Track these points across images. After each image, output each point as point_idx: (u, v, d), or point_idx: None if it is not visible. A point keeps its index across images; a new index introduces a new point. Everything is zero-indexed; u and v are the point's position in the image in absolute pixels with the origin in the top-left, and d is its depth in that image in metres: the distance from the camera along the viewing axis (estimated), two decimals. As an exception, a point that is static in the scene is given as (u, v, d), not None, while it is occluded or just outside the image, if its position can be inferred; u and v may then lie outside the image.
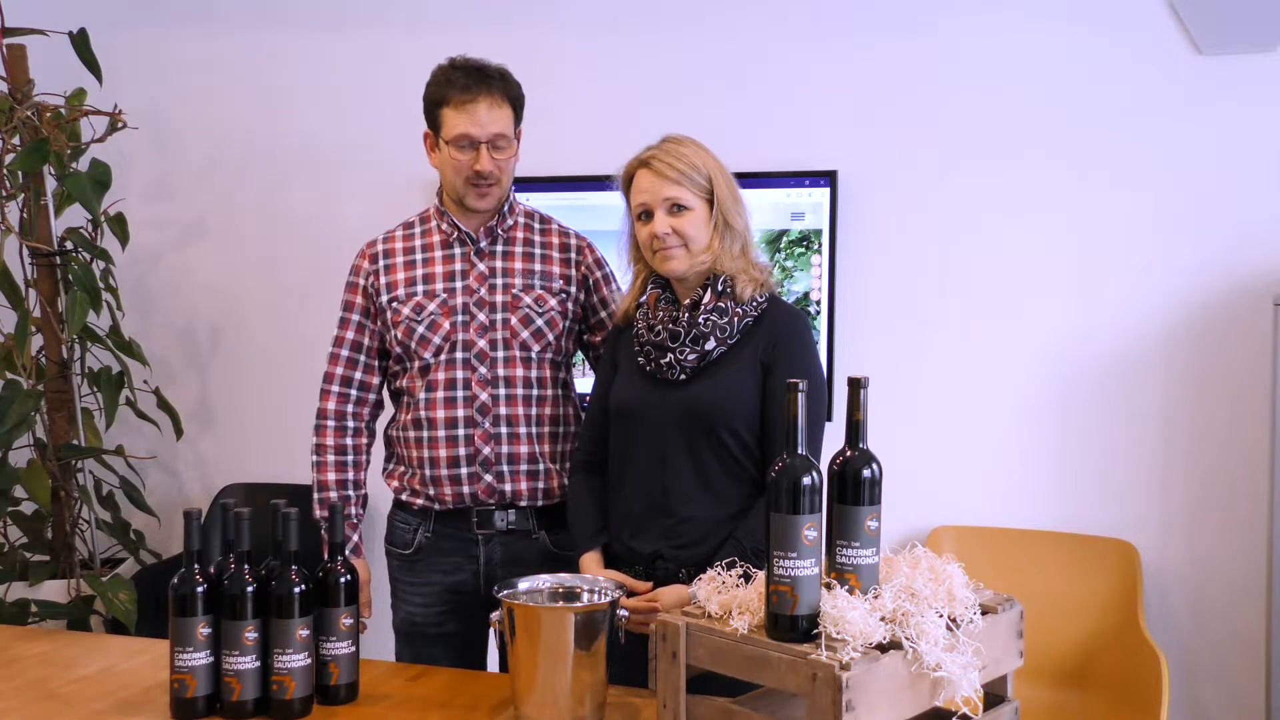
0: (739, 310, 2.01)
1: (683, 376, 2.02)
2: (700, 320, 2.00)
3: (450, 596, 2.32)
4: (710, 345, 2.00)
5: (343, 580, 1.84)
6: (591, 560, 2.09)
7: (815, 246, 3.26)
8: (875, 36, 3.25)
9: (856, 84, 3.26)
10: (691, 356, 2.01)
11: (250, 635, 1.78)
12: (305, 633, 1.79)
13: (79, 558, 3.47)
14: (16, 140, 3.35)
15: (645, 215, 2.04)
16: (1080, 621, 3.07)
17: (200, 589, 1.78)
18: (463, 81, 2.22)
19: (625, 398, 2.09)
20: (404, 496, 2.35)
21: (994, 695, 1.66)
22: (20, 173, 3.32)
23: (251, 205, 3.81)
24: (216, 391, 3.89)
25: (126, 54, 3.77)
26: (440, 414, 2.27)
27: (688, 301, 2.04)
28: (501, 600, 1.81)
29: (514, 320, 2.29)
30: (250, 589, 1.77)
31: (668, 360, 2.02)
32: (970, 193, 3.20)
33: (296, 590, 1.78)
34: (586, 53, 3.45)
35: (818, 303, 3.26)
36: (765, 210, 3.26)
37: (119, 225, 3.50)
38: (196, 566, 1.79)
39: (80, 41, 3.43)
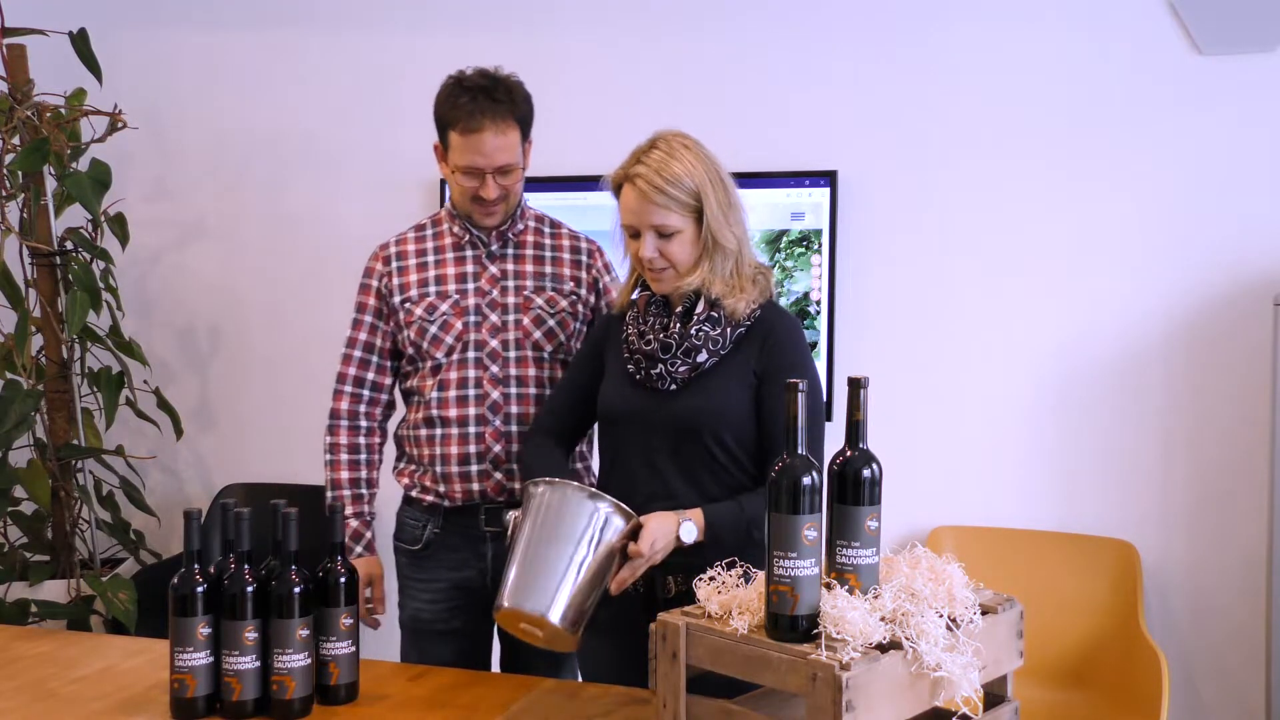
0: (732, 321, 1.99)
1: (673, 387, 2.01)
2: (693, 332, 1.98)
3: (457, 593, 2.33)
4: (703, 357, 1.99)
5: (343, 580, 1.84)
6: None
7: (815, 246, 3.26)
8: (875, 37, 3.25)
9: (857, 84, 3.27)
10: (683, 369, 1.99)
11: (250, 635, 1.77)
12: (305, 633, 1.79)
13: (79, 558, 3.47)
14: (16, 140, 3.35)
15: (633, 233, 2.01)
16: (1080, 621, 3.07)
17: (200, 589, 1.78)
18: (469, 107, 2.19)
19: (614, 404, 2.08)
20: (414, 493, 2.36)
21: (994, 695, 1.66)
22: (20, 173, 3.32)
23: (251, 205, 3.81)
24: (216, 391, 3.89)
25: (126, 54, 3.77)
26: (452, 412, 2.29)
27: (679, 310, 2.02)
28: (528, 485, 1.90)
29: (526, 321, 2.31)
30: (250, 589, 1.77)
31: (658, 371, 2.00)
32: (970, 192, 3.20)
33: (296, 590, 1.78)
34: (586, 52, 3.45)
35: (818, 303, 3.26)
36: (765, 210, 3.26)
37: (119, 225, 3.50)
38: (196, 566, 1.79)
39: (80, 41, 3.43)
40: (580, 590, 1.84)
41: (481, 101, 2.19)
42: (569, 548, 1.84)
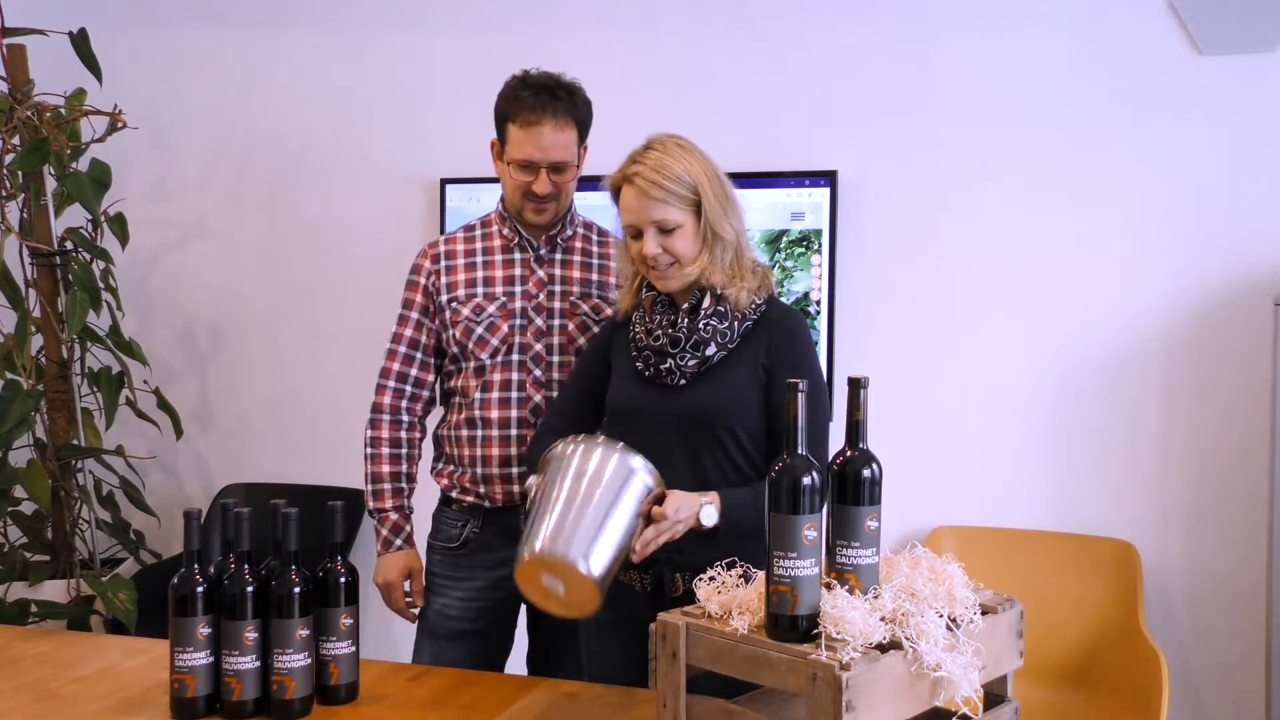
0: (738, 314, 2.01)
1: (683, 382, 2.02)
2: (701, 326, 2.00)
3: (490, 593, 2.34)
4: (711, 350, 2.00)
5: (343, 580, 1.84)
6: None
7: (815, 246, 3.26)
8: (875, 37, 3.25)
9: (857, 84, 3.27)
10: (692, 362, 2.00)
11: (250, 635, 1.77)
12: (305, 633, 1.79)
13: (79, 558, 3.47)
14: (16, 140, 3.35)
15: (635, 233, 2.03)
16: (1080, 621, 3.07)
17: (200, 589, 1.78)
18: (530, 101, 2.23)
19: (623, 401, 2.09)
20: (453, 493, 2.38)
21: (994, 695, 1.66)
22: (20, 173, 3.32)
23: (251, 206, 3.81)
24: (216, 391, 3.89)
25: (126, 54, 3.77)
26: (494, 414, 2.31)
27: (686, 306, 2.04)
28: (555, 445, 1.87)
29: (571, 326, 2.33)
30: (250, 589, 1.77)
31: (667, 366, 2.01)
32: (970, 192, 3.20)
33: (296, 590, 1.78)
34: (587, 53, 3.44)
35: (818, 303, 3.26)
36: (765, 210, 3.26)
37: (119, 225, 3.49)
38: (196, 566, 1.79)
39: (80, 41, 3.43)
40: (610, 543, 1.78)
41: (543, 98, 2.24)
42: (602, 499, 1.79)
